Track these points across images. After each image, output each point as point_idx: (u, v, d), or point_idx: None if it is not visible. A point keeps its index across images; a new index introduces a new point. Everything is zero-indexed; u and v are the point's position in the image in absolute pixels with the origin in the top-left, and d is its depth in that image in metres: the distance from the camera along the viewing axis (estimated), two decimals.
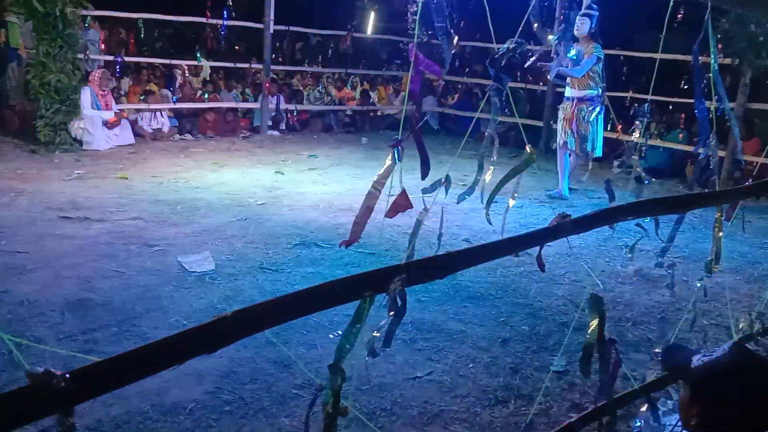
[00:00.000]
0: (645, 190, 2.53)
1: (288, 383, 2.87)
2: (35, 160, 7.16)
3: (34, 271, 3.97)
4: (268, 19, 9.62)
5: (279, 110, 10.10)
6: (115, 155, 7.75)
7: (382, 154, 8.60)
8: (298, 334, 3.30)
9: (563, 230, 1.75)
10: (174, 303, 3.64)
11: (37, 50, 7.72)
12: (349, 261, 4.44)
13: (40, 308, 3.46)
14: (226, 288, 3.90)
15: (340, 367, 1.38)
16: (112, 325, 3.32)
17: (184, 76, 10.12)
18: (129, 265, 4.17)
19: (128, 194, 5.94)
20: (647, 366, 3.18)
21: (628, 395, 2.42)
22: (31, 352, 2.68)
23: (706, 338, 3.45)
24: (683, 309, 3.68)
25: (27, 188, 5.89)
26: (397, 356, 3.15)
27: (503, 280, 4.30)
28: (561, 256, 4.71)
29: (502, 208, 2.24)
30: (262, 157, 8.22)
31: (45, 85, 7.64)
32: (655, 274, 4.35)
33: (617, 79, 10.55)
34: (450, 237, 5.11)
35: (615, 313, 3.85)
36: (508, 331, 3.58)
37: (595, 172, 6.85)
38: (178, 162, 7.59)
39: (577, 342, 3.39)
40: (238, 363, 2.99)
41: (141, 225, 5.03)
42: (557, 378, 3.08)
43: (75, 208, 5.33)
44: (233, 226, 5.14)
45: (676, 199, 2.17)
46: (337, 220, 5.52)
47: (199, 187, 6.42)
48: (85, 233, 4.73)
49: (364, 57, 12.54)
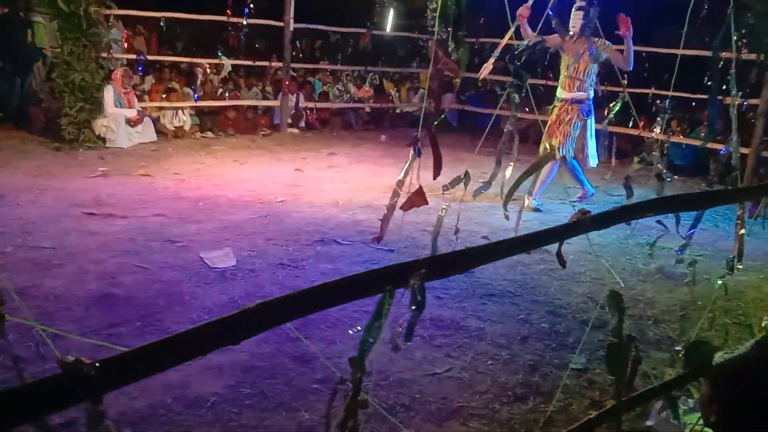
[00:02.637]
0: (667, 187, 2.52)
1: (308, 378, 2.90)
2: (60, 158, 7.28)
3: (60, 266, 4.05)
4: (288, 17, 9.67)
5: (298, 108, 10.15)
6: (138, 153, 7.86)
7: (401, 151, 8.61)
8: (318, 329, 3.33)
9: (583, 227, 1.75)
10: (196, 298, 3.69)
11: (62, 49, 7.85)
12: (369, 258, 4.46)
13: (65, 302, 3.53)
14: (246, 284, 3.95)
15: (362, 361, 1.40)
16: (136, 320, 3.38)
17: (206, 75, 10.21)
18: (152, 260, 4.23)
19: (151, 191, 6.02)
20: (668, 364, 3.16)
21: (648, 393, 2.41)
22: (59, 344, 2.74)
23: (728, 336, 3.42)
24: (704, 307, 3.64)
25: (52, 185, 5.99)
26: (416, 352, 3.16)
27: (523, 278, 4.29)
28: (581, 254, 4.69)
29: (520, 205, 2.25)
30: (281, 155, 8.28)
31: (69, 84, 7.77)
32: (677, 272, 4.31)
33: (639, 76, 10.43)
34: (469, 234, 5.11)
35: (636, 311, 3.83)
36: (527, 328, 3.58)
37: (617, 169, 6.78)
38: (200, 159, 7.67)
39: (598, 340, 3.38)
40: (258, 358, 3.03)
41: (163, 221, 5.10)
42: (577, 375, 3.07)
43: (99, 205, 5.42)
44: (254, 223, 5.19)
45: (697, 196, 2.15)
46: (357, 217, 5.55)
47: (220, 184, 6.48)
48: (109, 229, 4.81)
49: (383, 54, 12.54)
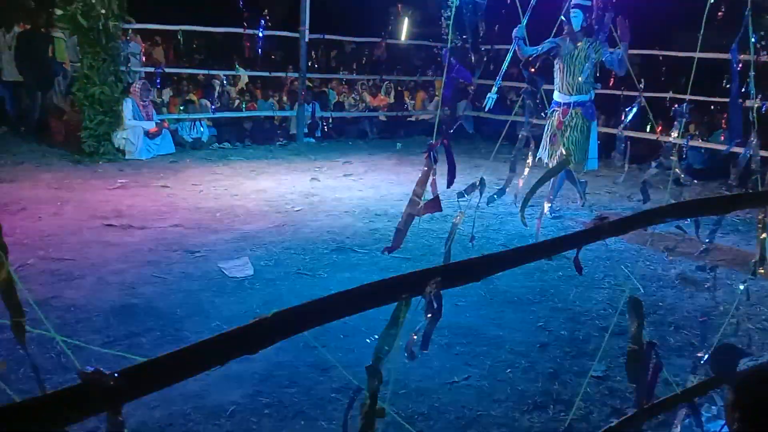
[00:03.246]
0: (687, 191, 2.49)
1: (326, 387, 2.90)
2: (80, 170, 7.39)
3: (81, 277, 4.10)
4: (304, 28, 9.74)
5: (314, 118, 10.20)
6: (157, 164, 7.95)
7: (417, 159, 8.61)
8: (336, 338, 3.33)
9: (601, 232, 1.74)
10: (215, 308, 3.72)
11: (82, 63, 7.98)
12: (385, 266, 4.46)
13: (86, 313, 3.57)
14: (264, 293, 3.96)
15: (378, 369, 1.39)
16: (155, 330, 3.41)
17: (223, 86, 10.32)
18: (171, 271, 4.27)
19: (169, 202, 6.09)
20: (689, 371, 3.11)
21: (670, 400, 2.37)
22: (80, 355, 2.77)
23: (751, 343, 3.36)
24: (727, 313, 3.59)
25: (73, 197, 6.08)
26: (434, 361, 3.15)
27: (541, 285, 4.26)
28: (600, 260, 4.65)
29: (537, 211, 2.24)
30: (298, 164, 8.32)
31: (89, 97, 7.89)
32: (698, 277, 4.25)
33: (657, 79, 10.35)
34: (486, 241, 5.09)
35: (656, 318, 3.78)
36: (546, 335, 3.55)
37: (634, 174, 6.71)
38: (217, 170, 7.74)
39: (618, 347, 3.34)
40: (276, 367, 3.03)
41: (182, 232, 5.14)
42: (597, 383, 3.04)
43: (118, 216, 5.49)
44: (271, 233, 5.22)
45: (715, 201, 2.13)
46: (373, 225, 5.55)
47: (237, 194, 6.53)
48: (129, 240, 4.86)
49: (398, 63, 12.58)
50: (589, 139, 5.84)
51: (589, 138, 5.83)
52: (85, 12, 7.62)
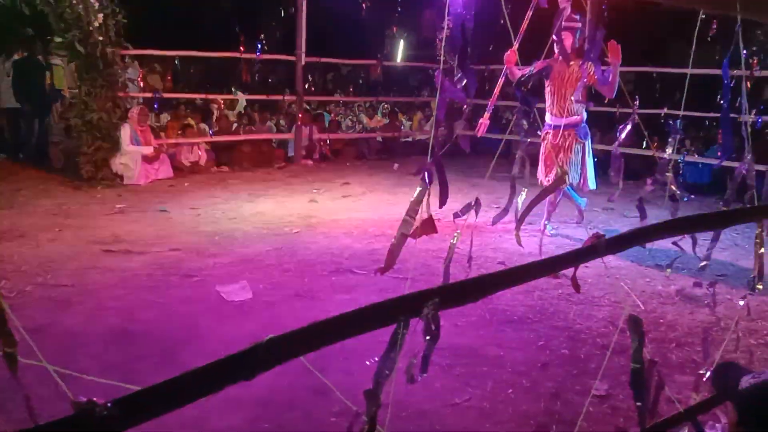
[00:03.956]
0: (683, 207, 2.49)
1: (326, 411, 2.87)
2: (79, 196, 7.39)
3: (78, 303, 4.08)
4: (300, 51, 9.83)
5: (312, 140, 10.25)
6: (155, 189, 7.96)
7: (414, 179, 8.62)
8: (335, 361, 3.30)
9: (598, 250, 1.73)
10: (213, 332, 3.69)
11: (80, 90, 8.03)
12: (384, 287, 4.45)
13: (83, 339, 3.54)
14: (263, 316, 3.94)
15: (377, 394, 1.38)
16: (154, 356, 3.38)
17: (221, 110, 10.37)
18: (169, 295, 4.25)
19: (168, 226, 6.08)
20: (692, 388, 3.09)
21: (673, 418, 2.35)
22: (75, 383, 2.74)
23: (752, 359, 3.34)
24: (728, 328, 3.57)
25: (71, 223, 6.08)
26: (434, 382, 3.13)
27: (541, 303, 4.24)
28: (599, 278, 4.63)
29: (535, 230, 2.23)
30: (296, 187, 8.34)
31: (87, 123, 7.92)
32: (698, 293, 4.24)
33: (651, 96, 10.44)
34: (484, 260, 5.07)
35: (657, 335, 3.76)
36: (547, 355, 3.53)
37: (631, 191, 6.73)
38: (216, 193, 7.74)
39: (620, 365, 3.32)
40: (275, 391, 3.00)
41: (180, 256, 5.13)
42: (599, 402, 3.01)
43: (117, 242, 5.48)
44: (270, 255, 5.21)
45: (712, 216, 2.13)
46: (372, 246, 5.55)
47: (236, 217, 6.53)
48: (127, 265, 4.85)
49: (394, 85, 12.69)
50: (585, 159, 5.76)
51: (585, 158, 5.76)
52: (83, 39, 7.69)
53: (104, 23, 7.74)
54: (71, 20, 7.61)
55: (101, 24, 7.71)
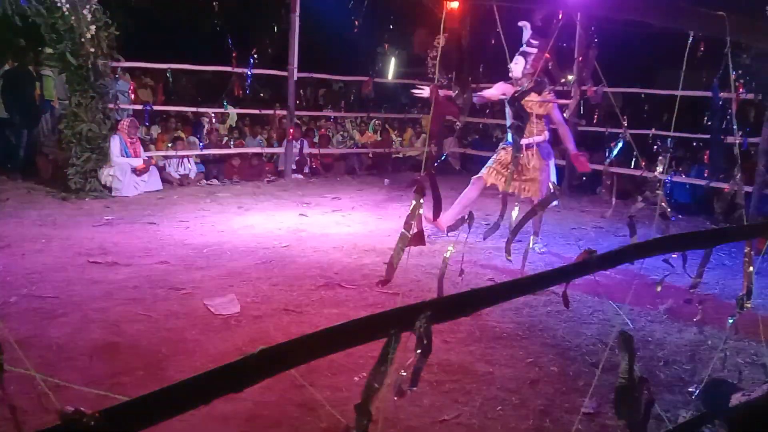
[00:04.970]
0: (672, 226, 2.51)
1: (313, 426, 2.84)
2: (66, 207, 7.33)
3: (64, 315, 4.02)
4: (292, 66, 9.87)
5: (302, 154, 10.26)
6: (144, 201, 7.91)
7: (405, 195, 8.65)
8: (323, 376, 3.28)
9: (590, 266, 1.74)
10: (200, 346, 3.66)
11: (70, 101, 8.00)
12: (374, 301, 4.43)
13: (69, 352, 3.49)
14: (251, 330, 3.91)
15: (367, 408, 1.37)
16: (139, 369, 3.34)
17: (212, 124, 10.36)
18: (156, 308, 4.21)
19: (155, 239, 6.04)
20: (680, 406, 3.09)
21: None
22: (61, 395, 2.70)
23: (741, 377, 3.35)
24: (716, 347, 3.59)
25: (58, 234, 6.02)
26: (423, 398, 3.11)
27: (530, 320, 4.24)
28: (588, 295, 4.64)
29: (524, 248, 2.24)
30: (286, 201, 8.32)
31: (76, 135, 7.88)
32: (687, 311, 4.26)
33: (639, 117, 10.55)
34: (474, 276, 5.07)
35: (646, 353, 3.77)
36: (536, 372, 3.52)
37: (621, 209, 6.77)
38: (205, 206, 7.71)
39: (609, 383, 3.31)
40: (262, 406, 2.97)
41: (168, 269, 5.09)
42: (589, 420, 3.00)
43: (104, 253, 5.43)
44: (258, 269, 5.18)
45: (702, 234, 2.14)
46: (361, 261, 5.53)
47: (224, 230, 6.50)
48: (114, 278, 4.80)
49: (385, 101, 12.74)
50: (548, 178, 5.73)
51: (548, 177, 5.74)
52: (75, 51, 7.68)
53: (96, 35, 7.73)
54: (63, 31, 7.60)
55: (93, 36, 7.70)
